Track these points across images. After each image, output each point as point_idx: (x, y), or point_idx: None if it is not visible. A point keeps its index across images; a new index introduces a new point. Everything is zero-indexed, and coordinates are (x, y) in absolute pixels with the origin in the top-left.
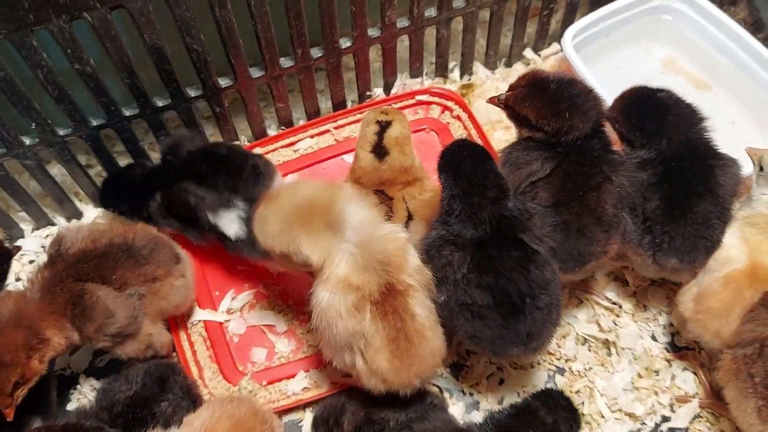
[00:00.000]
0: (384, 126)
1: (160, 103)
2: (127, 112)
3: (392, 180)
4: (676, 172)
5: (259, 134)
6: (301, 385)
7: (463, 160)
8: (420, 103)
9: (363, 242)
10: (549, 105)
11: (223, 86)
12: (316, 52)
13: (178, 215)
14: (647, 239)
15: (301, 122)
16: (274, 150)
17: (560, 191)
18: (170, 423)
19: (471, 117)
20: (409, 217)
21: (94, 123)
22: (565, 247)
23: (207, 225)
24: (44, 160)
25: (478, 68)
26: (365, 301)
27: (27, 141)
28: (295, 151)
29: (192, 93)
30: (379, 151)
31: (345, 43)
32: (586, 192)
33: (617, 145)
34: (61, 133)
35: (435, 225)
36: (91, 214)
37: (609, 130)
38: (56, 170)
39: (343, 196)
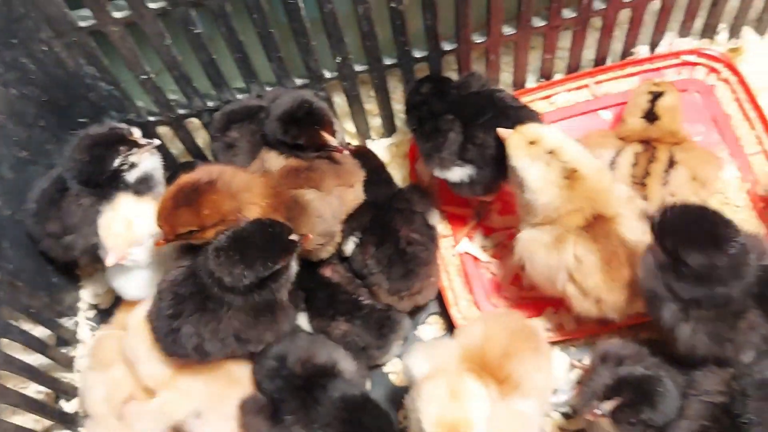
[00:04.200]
0: (656, 95)
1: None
2: (417, 54)
3: (658, 139)
4: None
5: (519, 85)
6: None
7: None
8: (685, 63)
9: None
10: None
11: (506, 34)
12: (598, 5)
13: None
14: None
15: (558, 77)
16: (531, 102)
17: None
18: None
19: (741, 81)
20: (670, 165)
21: (388, 62)
22: None
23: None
24: (332, 95)
25: (747, 32)
26: None
27: (327, 74)
28: (551, 104)
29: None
30: (651, 117)
31: None
32: None
33: None
34: (357, 69)
35: None
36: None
37: None
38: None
39: None
